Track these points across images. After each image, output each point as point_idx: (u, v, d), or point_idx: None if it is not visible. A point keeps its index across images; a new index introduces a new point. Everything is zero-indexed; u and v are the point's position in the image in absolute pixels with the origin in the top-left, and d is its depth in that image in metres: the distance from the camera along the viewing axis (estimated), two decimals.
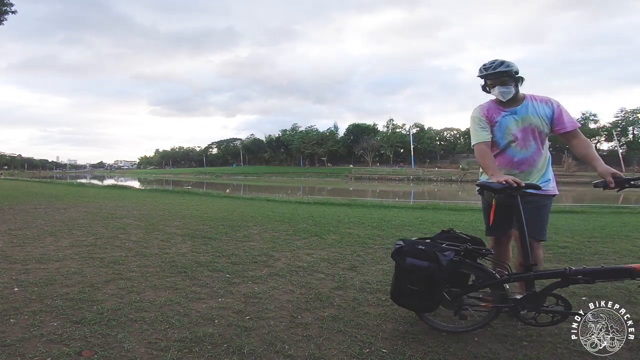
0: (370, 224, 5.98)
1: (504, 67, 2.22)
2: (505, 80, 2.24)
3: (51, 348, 1.87)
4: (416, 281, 1.99)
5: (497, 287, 2.05)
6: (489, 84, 2.31)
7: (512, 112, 2.31)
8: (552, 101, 2.32)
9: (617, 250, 4.07)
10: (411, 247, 2.05)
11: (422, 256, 1.99)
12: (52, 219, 6.05)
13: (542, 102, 2.31)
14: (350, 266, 3.44)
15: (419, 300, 2.03)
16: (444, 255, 1.96)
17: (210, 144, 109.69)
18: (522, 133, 2.31)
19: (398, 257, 2.07)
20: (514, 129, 2.31)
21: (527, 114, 2.29)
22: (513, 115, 2.31)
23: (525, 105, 2.31)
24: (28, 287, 2.73)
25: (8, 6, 11.70)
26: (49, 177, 48.50)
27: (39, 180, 32.05)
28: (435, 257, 1.95)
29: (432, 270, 1.95)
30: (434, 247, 2.03)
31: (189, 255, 3.76)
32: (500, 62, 2.25)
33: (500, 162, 2.37)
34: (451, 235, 2.21)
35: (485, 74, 2.28)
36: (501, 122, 2.33)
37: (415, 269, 1.99)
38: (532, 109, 2.30)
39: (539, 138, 2.33)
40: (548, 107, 2.30)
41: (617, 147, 51.90)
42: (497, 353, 1.91)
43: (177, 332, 2.08)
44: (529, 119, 2.29)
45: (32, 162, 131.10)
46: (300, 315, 2.35)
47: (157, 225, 5.61)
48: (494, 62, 2.27)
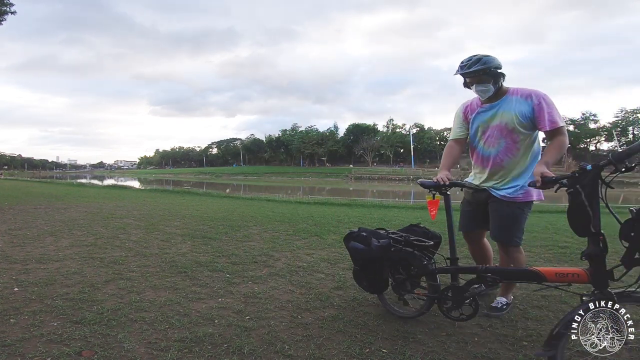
0: (370, 224, 5.99)
1: (480, 64, 2.11)
2: (483, 79, 2.14)
3: (51, 348, 1.87)
4: (357, 261, 2.26)
5: (430, 277, 2.14)
6: (468, 81, 2.21)
7: (488, 108, 2.24)
8: (534, 96, 2.12)
9: (617, 250, 4.06)
10: (358, 233, 2.29)
11: (360, 240, 2.23)
12: (52, 219, 6.05)
13: (523, 97, 2.15)
14: (350, 266, 3.43)
15: (365, 281, 2.28)
16: (376, 241, 2.16)
17: (210, 144, 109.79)
18: (491, 130, 2.24)
19: (346, 241, 2.35)
20: (484, 126, 2.27)
21: (501, 110, 2.19)
22: (488, 112, 2.25)
23: (503, 100, 2.20)
24: (28, 287, 2.73)
25: (8, 6, 11.69)
26: (49, 177, 48.50)
27: (39, 180, 32.05)
28: (368, 242, 2.17)
29: (364, 253, 2.18)
30: (373, 234, 2.24)
31: (189, 255, 3.76)
32: (476, 59, 2.13)
33: (474, 160, 2.39)
34: (415, 229, 2.35)
35: (461, 72, 2.19)
36: (475, 119, 2.30)
37: (353, 251, 2.26)
38: (507, 105, 2.18)
39: (511, 136, 2.19)
40: (527, 103, 2.13)
41: (617, 147, 51.90)
42: (497, 353, 1.91)
43: (177, 332, 2.08)
44: (501, 115, 2.19)
45: (32, 162, 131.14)
46: (300, 315, 2.35)
47: (157, 225, 5.61)
48: (471, 59, 2.16)
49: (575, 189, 1.58)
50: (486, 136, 2.27)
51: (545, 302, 2.55)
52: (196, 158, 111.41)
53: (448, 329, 2.18)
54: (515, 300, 2.58)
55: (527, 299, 2.61)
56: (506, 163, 2.23)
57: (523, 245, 2.49)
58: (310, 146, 75.37)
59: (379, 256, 2.14)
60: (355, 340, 2.04)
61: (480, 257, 2.63)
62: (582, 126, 56.51)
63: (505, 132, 2.19)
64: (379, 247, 2.13)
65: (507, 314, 2.37)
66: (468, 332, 2.14)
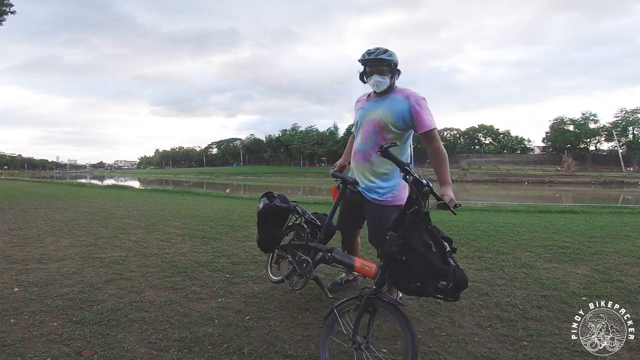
0: None
1: (387, 55, 2.14)
2: (384, 70, 2.15)
3: (51, 348, 1.87)
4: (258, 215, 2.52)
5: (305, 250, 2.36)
6: (367, 72, 2.20)
7: (372, 103, 2.27)
8: (412, 98, 2.14)
9: (617, 250, 4.07)
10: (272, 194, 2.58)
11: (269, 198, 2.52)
12: (52, 219, 6.05)
13: (403, 96, 2.17)
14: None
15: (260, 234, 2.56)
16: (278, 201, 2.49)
17: (210, 144, 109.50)
18: (367, 124, 2.27)
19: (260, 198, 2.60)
20: (362, 120, 2.31)
21: (380, 107, 2.21)
22: (370, 106, 2.28)
23: (386, 97, 2.22)
24: (28, 287, 2.73)
25: (7, 7, 11.68)
26: (49, 177, 48.49)
27: (39, 180, 32.05)
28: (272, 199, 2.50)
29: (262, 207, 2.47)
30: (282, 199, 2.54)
31: (189, 255, 3.76)
32: (384, 49, 2.17)
33: (353, 151, 2.42)
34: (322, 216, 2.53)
35: (367, 58, 2.17)
36: (358, 112, 2.36)
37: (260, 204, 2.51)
38: (387, 103, 2.20)
39: (382, 133, 2.19)
40: (404, 103, 2.14)
41: (617, 147, 51.85)
42: (497, 353, 1.91)
43: (177, 332, 2.08)
44: (378, 112, 2.21)
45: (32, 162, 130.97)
46: (300, 315, 2.35)
47: (157, 225, 5.61)
48: (379, 48, 2.17)
49: None
50: (363, 130, 2.29)
51: (545, 302, 2.55)
52: (196, 158, 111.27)
53: (448, 329, 2.18)
54: (515, 300, 2.58)
55: (527, 299, 2.61)
56: (374, 159, 2.23)
57: (523, 245, 2.51)
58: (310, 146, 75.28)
59: (272, 214, 2.45)
60: None
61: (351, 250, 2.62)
62: (582, 126, 56.41)
63: (378, 128, 2.21)
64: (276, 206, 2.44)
65: (507, 313, 2.37)
66: (468, 332, 2.14)
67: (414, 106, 2.12)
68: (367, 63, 2.19)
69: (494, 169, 50.43)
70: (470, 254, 3.84)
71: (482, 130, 71.93)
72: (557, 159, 54.65)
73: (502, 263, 3.52)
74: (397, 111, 2.15)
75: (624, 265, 3.46)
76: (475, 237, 4.67)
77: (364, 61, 2.19)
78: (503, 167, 53.22)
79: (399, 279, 1.56)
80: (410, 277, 1.52)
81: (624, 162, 48.53)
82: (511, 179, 43.09)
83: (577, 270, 3.31)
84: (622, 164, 48.06)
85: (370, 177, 2.28)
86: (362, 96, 2.42)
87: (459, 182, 42.44)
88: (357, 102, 2.45)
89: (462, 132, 72.85)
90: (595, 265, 3.46)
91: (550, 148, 63.23)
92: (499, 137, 70.09)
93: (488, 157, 62.94)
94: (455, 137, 73.10)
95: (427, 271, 1.49)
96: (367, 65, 2.19)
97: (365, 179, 2.30)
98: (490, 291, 2.77)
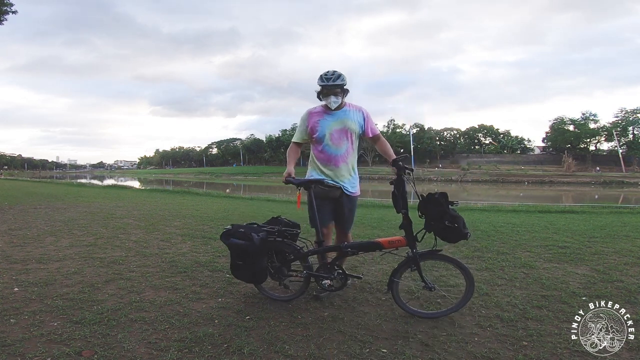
0: (370, 224, 5.98)
1: (340, 80, 2.60)
2: (338, 92, 2.61)
3: (51, 348, 1.87)
4: (239, 256, 2.43)
5: (303, 260, 2.52)
6: (324, 92, 2.62)
7: (333, 115, 2.69)
8: (363, 110, 2.76)
9: (617, 250, 4.07)
10: (235, 229, 2.49)
11: (241, 236, 2.43)
12: (52, 219, 6.05)
13: (356, 109, 2.74)
14: (350, 266, 3.44)
15: (246, 272, 2.45)
16: (256, 235, 2.40)
17: (210, 144, 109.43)
18: (336, 134, 2.68)
19: (224, 238, 2.51)
20: (329, 131, 2.68)
21: (345, 117, 2.69)
22: (333, 118, 2.69)
23: (343, 111, 2.70)
24: (28, 287, 2.73)
25: (8, 6, 11.67)
26: (49, 177, 48.49)
27: (39, 180, 32.05)
28: (250, 236, 2.39)
29: (247, 247, 2.38)
30: (250, 229, 2.46)
31: (189, 255, 3.76)
32: (337, 75, 2.60)
33: (321, 158, 2.74)
34: (278, 220, 2.66)
35: (325, 84, 2.59)
36: (322, 124, 2.70)
37: (235, 247, 2.43)
38: (348, 114, 2.70)
39: (350, 139, 2.72)
40: (360, 115, 2.73)
41: (617, 147, 51.81)
42: (497, 353, 1.91)
43: (177, 332, 2.08)
44: (345, 121, 2.68)
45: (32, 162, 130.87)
46: (300, 315, 2.35)
47: (157, 225, 5.61)
48: (334, 73, 2.61)
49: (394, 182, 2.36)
50: (333, 138, 2.69)
51: (545, 302, 2.55)
52: (196, 158, 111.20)
53: (448, 329, 2.18)
54: (515, 300, 2.58)
55: (527, 299, 2.61)
56: (349, 160, 2.74)
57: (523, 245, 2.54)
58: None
59: (260, 249, 2.40)
60: (355, 340, 2.04)
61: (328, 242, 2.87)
62: (582, 126, 56.37)
63: (348, 135, 2.70)
64: (261, 240, 2.40)
65: (507, 313, 2.37)
66: (468, 332, 2.14)
67: (366, 117, 2.76)
68: (324, 87, 2.61)
69: (494, 169, 50.41)
70: (470, 254, 3.84)
71: (482, 130, 71.94)
72: (557, 159, 54.61)
73: (502, 263, 3.52)
74: (357, 121, 2.72)
75: (624, 265, 3.46)
76: (475, 237, 4.67)
77: (322, 85, 2.62)
78: (503, 167, 53.21)
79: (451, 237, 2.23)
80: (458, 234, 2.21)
81: (624, 162, 48.47)
82: (511, 179, 43.04)
83: (577, 270, 3.31)
84: (622, 164, 48.01)
85: (348, 175, 2.75)
86: (314, 109, 2.76)
87: (459, 182, 42.39)
88: (310, 114, 2.76)
89: (462, 132, 72.83)
90: (595, 265, 3.46)
91: (550, 148, 63.21)
92: (499, 137, 70.09)
93: (488, 157, 62.96)
94: (455, 137, 73.08)
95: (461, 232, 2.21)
96: (325, 88, 2.61)
97: (344, 177, 2.73)
98: (490, 291, 2.77)
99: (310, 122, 2.73)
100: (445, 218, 2.19)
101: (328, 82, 2.59)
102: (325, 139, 2.69)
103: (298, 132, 2.82)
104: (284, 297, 2.61)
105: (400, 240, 2.35)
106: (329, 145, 2.69)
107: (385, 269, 3.34)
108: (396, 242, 2.36)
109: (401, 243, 2.35)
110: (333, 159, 2.70)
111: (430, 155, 65.57)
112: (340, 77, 2.61)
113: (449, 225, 2.17)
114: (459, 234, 2.19)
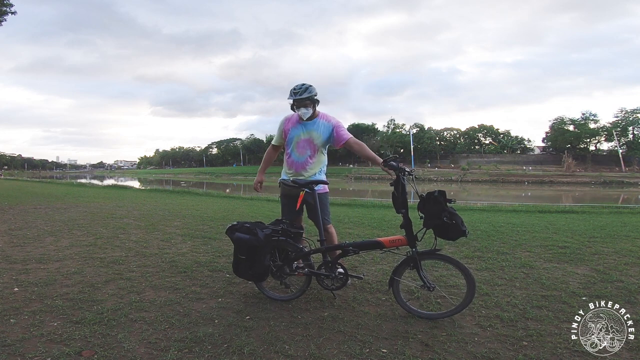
0: (370, 224, 5.98)
1: (307, 93, 2.76)
2: (307, 104, 2.79)
3: (51, 348, 1.87)
4: (243, 251, 2.47)
5: (305, 259, 2.61)
6: (295, 105, 2.82)
7: (303, 125, 2.88)
8: (333, 122, 2.91)
9: (617, 250, 4.07)
10: (241, 224, 2.56)
11: (246, 231, 2.50)
12: (52, 219, 6.05)
13: (327, 121, 2.90)
14: (350, 266, 3.44)
15: (248, 269, 2.49)
16: (261, 231, 2.48)
17: (210, 144, 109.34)
18: (302, 142, 2.89)
19: (229, 232, 2.56)
20: (298, 138, 2.89)
21: (312, 129, 2.86)
22: (302, 128, 2.88)
23: (314, 122, 2.88)
24: (28, 287, 2.73)
25: (7, 7, 11.68)
26: (49, 177, 48.47)
27: (39, 180, 32.04)
28: (255, 232, 2.46)
29: (252, 242, 2.44)
30: (256, 226, 2.53)
31: (189, 255, 3.76)
32: (305, 88, 2.77)
33: (288, 161, 2.96)
34: (279, 221, 2.72)
35: (294, 98, 2.78)
36: (292, 131, 2.91)
37: (240, 241, 2.48)
38: (317, 126, 2.86)
39: (313, 148, 2.89)
40: (329, 125, 2.88)
41: (617, 147, 51.80)
42: (497, 353, 1.91)
43: (177, 332, 2.08)
44: (311, 132, 2.87)
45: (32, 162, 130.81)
46: (300, 315, 2.35)
47: (157, 225, 5.61)
48: (301, 87, 2.78)
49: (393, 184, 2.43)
50: (298, 146, 2.90)
51: (545, 302, 2.55)
52: (196, 158, 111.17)
53: (448, 329, 2.18)
54: (515, 300, 2.58)
55: (527, 299, 2.61)
56: (309, 167, 2.93)
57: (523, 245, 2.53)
58: None
59: (264, 244, 2.47)
60: (354, 340, 2.04)
61: None
62: (582, 126, 56.36)
63: (312, 145, 2.89)
64: (265, 236, 2.47)
65: (507, 313, 2.37)
66: (468, 332, 2.14)
67: (335, 128, 2.88)
68: (294, 100, 2.80)
69: (494, 169, 50.36)
70: (470, 254, 3.84)
71: (482, 130, 71.90)
72: (557, 159, 54.57)
73: (502, 263, 3.52)
74: (324, 133, 2.88)
75: (624, 265, 3.46)
76: (475, 237, 4.67)
77: (292, 99, 2.80)
78: (503, 167, 53.17)
79: (450, 234, 2.26)
80: (457, 231, 2.24)
81: (624, 162, 48.46)
82: (511, 179, 43.02)
83: (577, 270, 3.31)
84: (622, 164, 47.99)
85: (310, 177, 2.91)
86: (291, 117, 2.95)
87: (458, 182, 42.38)
88: (287, 120, 2.96)
89: (462, 132, 72.79)
90: (595, 265, 3.46)
91: (550, 148, 63.19)
92: (499, 137, 70.06)
93: (488, 157, 62.91)
94: (455, 137, 73.07)
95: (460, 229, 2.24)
96: (295, 101, 2.80)
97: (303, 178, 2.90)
98: (490, 291, 2.77)
99: (285, 128, 2.95)
100: (443, 214, 2.23)
101: (296, 96, 2.78)
102: (292, 146, 2.92)
103: (276, 135, 3.04)
104: (284, 297, 2.63)
105: (401, 240, 2.41)
106: (294, 152, 2.92)
107: (386, 269, 3.34)
108: (397, 241, 2.42)
109: (402, 242, 2.41)
110: (295, 164, 2.93)
111: (430, 155, 65.55)
112: (308, 89, 2.77)
113: (447, 222, 2.21)
114: (457, 230, 2.22)
